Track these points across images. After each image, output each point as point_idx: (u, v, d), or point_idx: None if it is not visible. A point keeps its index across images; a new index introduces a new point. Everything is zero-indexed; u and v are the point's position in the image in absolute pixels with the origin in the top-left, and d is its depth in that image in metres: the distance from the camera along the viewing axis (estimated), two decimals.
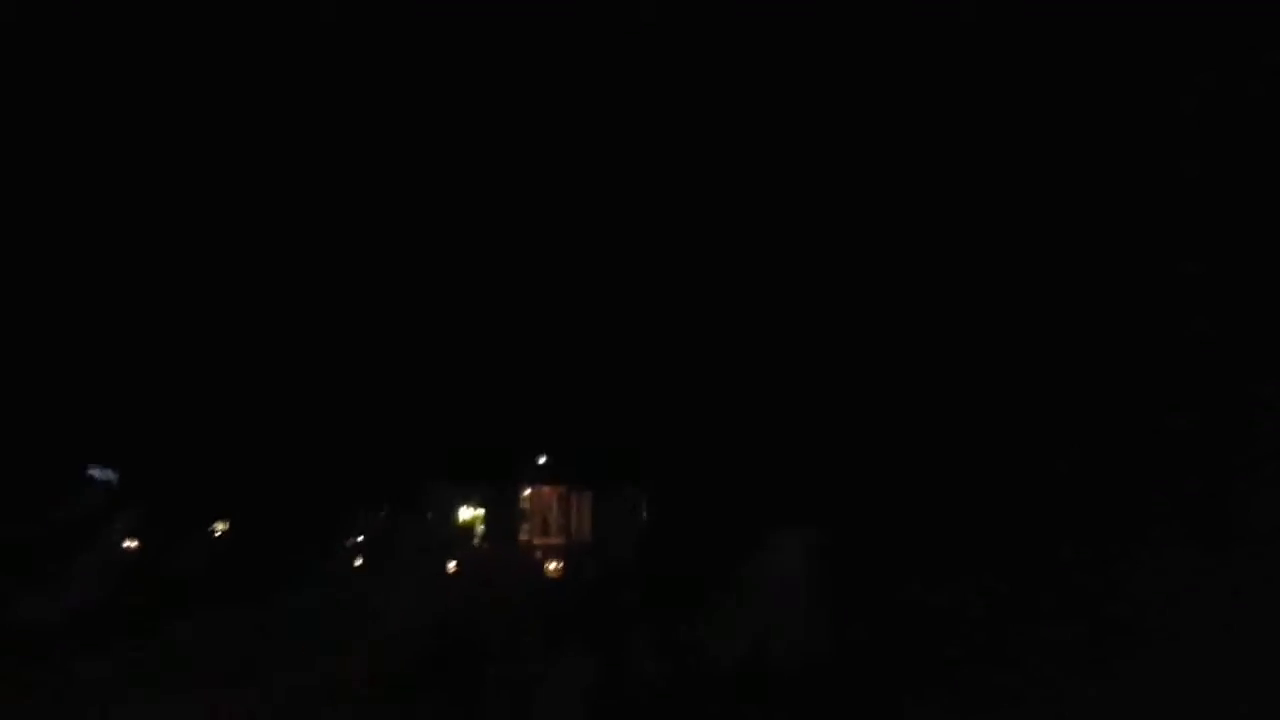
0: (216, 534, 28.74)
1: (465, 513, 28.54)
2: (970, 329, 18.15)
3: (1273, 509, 10.78)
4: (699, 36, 19.09)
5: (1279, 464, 11.86)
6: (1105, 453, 14.16)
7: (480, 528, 27.08)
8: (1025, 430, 16.14)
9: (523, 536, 25.23)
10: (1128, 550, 10.40)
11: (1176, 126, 16.21)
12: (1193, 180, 15.94)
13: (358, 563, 27.12)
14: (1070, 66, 17.39)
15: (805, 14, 18.53)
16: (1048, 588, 9.95)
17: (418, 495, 27.93)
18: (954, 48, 18.09)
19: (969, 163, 18.51)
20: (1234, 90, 15.44)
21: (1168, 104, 16.27)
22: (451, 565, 22.60)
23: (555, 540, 24.51)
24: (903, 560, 13.19)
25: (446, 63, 18.91)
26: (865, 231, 18.82)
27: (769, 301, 19.78)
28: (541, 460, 25.76)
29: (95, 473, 17.55)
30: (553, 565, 20.74)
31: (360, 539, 28.77)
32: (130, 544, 22.79)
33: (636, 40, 18.86)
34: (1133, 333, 16.71)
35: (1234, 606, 8.60)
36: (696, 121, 19.34)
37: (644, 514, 23.38)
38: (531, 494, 25.78)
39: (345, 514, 28.33)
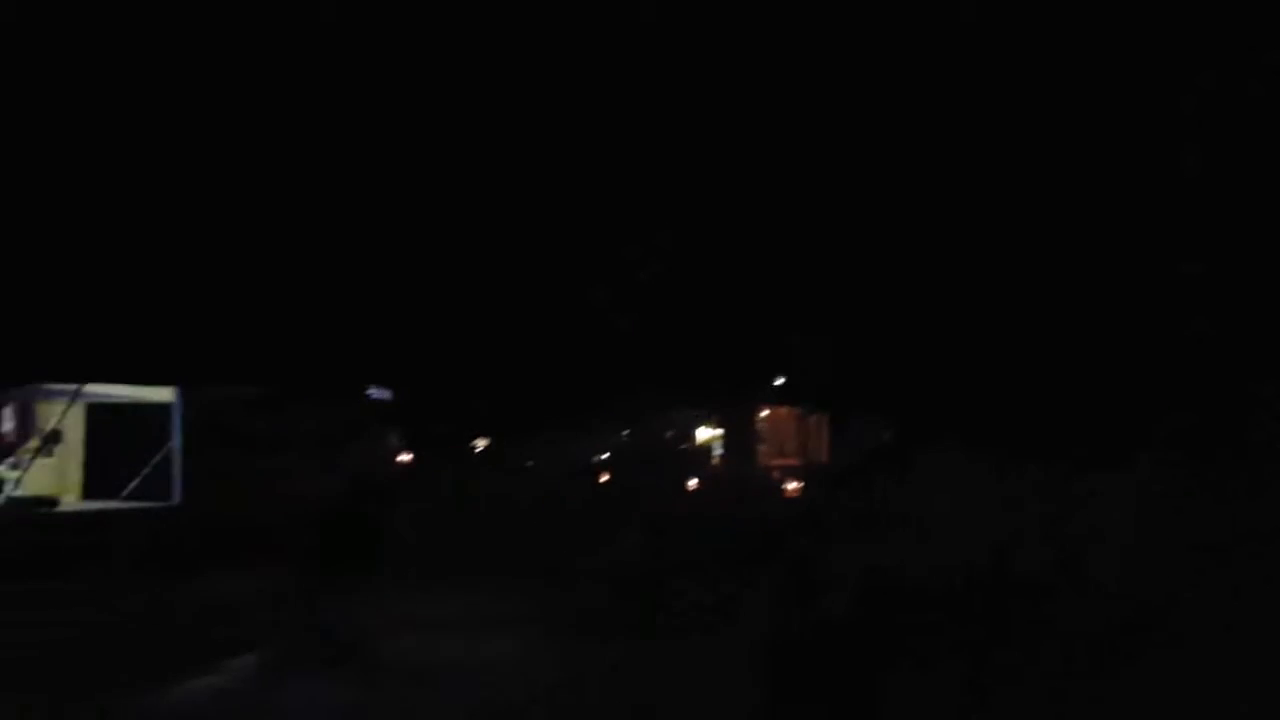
0: (477, 450, 30.32)
1: (703, 433, 28.84)
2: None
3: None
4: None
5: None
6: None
7: (717, 448, 27.31)
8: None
9: (760, 457, 25.25)
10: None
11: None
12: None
13: (603, 479, 27.75)
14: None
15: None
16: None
17: (658, 415, 28.38)
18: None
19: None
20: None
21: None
22: (692, 483, 22.83)
23: (791, 461, 24.37)
24: None
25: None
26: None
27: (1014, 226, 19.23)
28: (779, 381, 25.59)
29: (373, 391, 18.94)
30: (791, 485, 20.53)
31: (605, 456, 29.56)
32: (405, 457, 24.17)
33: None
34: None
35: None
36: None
37: (884, 438, 22.79)
38: (769, 415, 25.69)
39: (588, 433, 29.14)
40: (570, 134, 21.70)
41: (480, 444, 30.67)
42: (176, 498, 13.02)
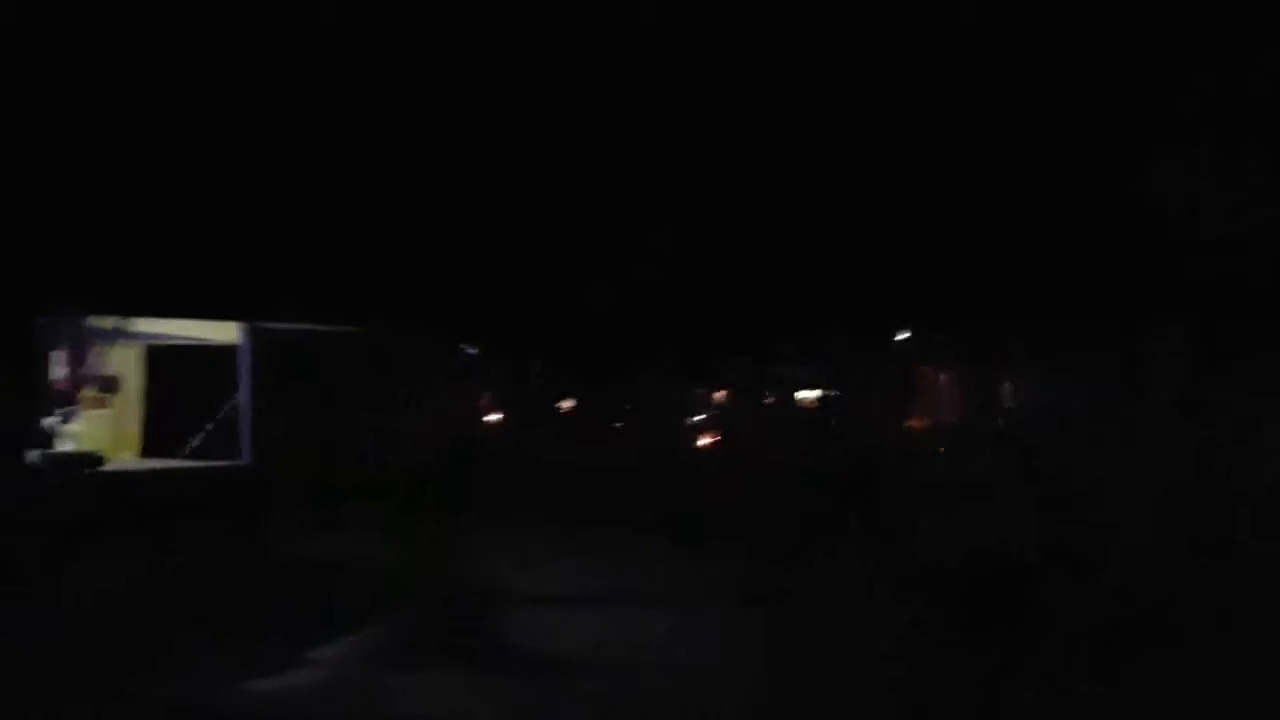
0: (563, 410, 28.39)
1: (806, 393, 26.46)
2: None
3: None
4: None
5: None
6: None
7: (829, 407, 24.79)
8: None
9: (881, 417, 22.57)
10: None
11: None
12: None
13: (702, 441, 25.62)
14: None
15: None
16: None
17: (760, 375, 26.10)
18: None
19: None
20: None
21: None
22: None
23: (917, 422, 21.66)
24: None
25: None
26: None
27: None
28: (902, 336, 22.71)
29: (466, 349, 17.32)
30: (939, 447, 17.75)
31: (701, 417, 27.38)
32: (494, 416, 22.48)
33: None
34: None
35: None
36: None
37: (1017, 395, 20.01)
38: (889, 371, 22.88)
39: (683, 393, 27.12)
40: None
41: (566, 405, 28.88)
42: (245, 457, 10.81)
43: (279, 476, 10.39)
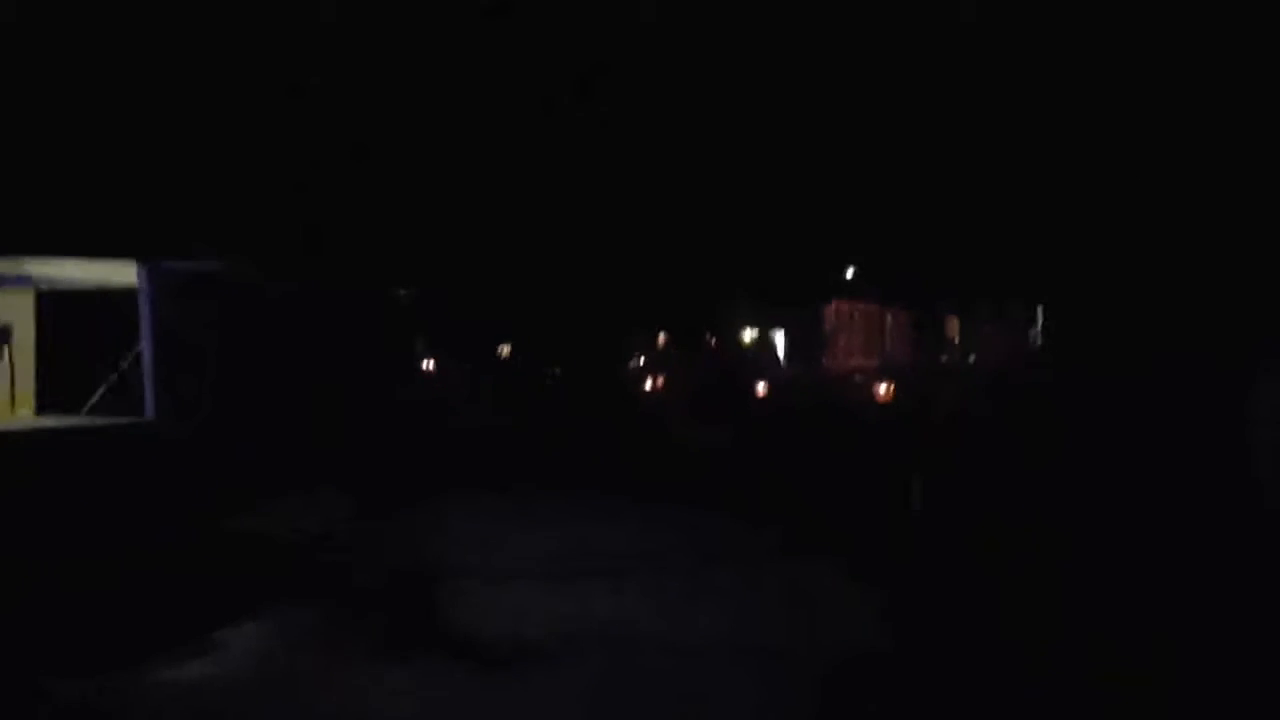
0: (501, 355, 27.48)
1: (748, 334, 25.81)
2: None
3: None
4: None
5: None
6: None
7: (779, 350, 24.17)
8: None
9: (828, 358, 22.01)
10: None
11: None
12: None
13: (647, 386, 24.92)
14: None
15: None
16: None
17: (709, 317, 25.42)
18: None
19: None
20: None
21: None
22: (760, 387, 19.57)
23: (866, 362, 21.11)
24: None
25: None
26: None
27: None
28: (849, 274, 22.01)
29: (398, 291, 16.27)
30: (882, 390, 17.14)
31: (642, 361, 26.73)
32: (428, 364, 21.49)
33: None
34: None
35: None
36: None
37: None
38: (835, 310, 22.25)
39: (623, 335, 26.48)
40: None
41: (504, 350, 27.92)
42: (150, 413, 9.77)
43: (187, 435, 9.37)
